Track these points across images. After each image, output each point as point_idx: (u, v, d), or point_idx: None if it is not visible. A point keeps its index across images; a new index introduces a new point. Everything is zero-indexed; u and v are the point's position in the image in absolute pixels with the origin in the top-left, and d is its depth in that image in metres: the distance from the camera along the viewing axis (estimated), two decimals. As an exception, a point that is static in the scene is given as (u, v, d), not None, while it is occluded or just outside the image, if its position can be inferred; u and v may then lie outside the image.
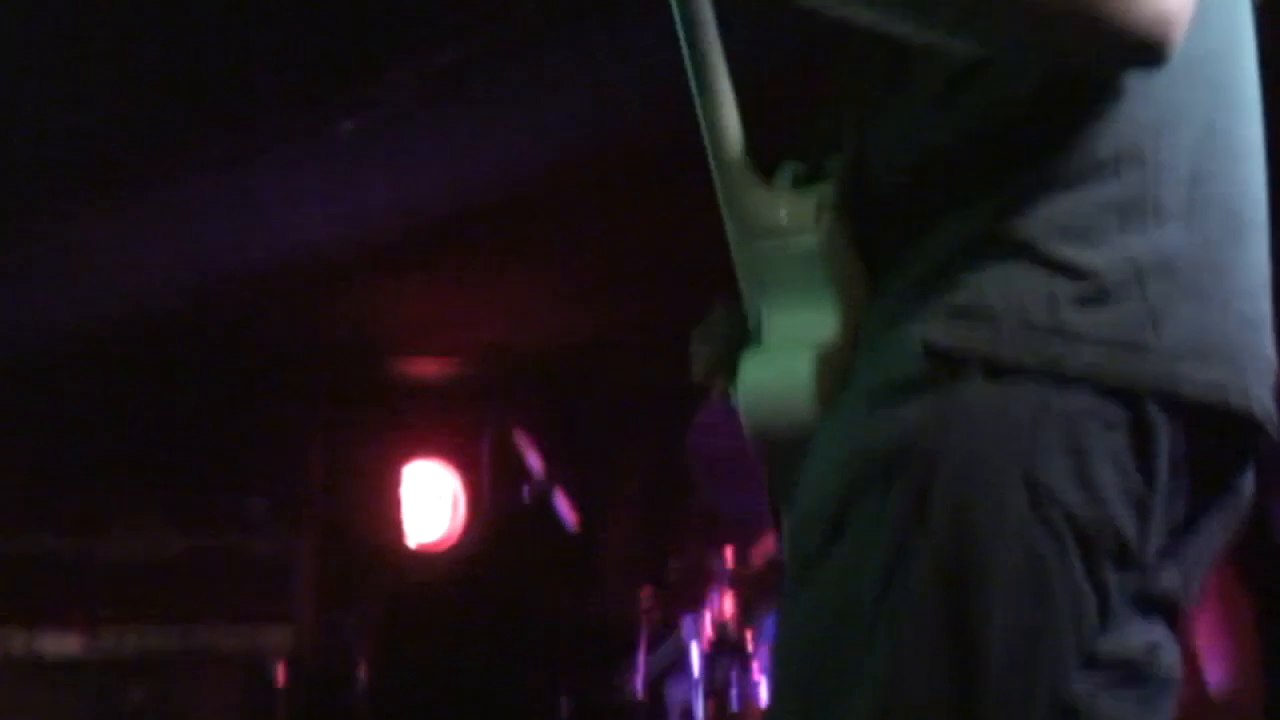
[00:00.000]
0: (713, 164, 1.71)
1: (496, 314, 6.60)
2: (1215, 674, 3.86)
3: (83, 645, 5.86)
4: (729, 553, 5.25)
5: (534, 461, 5.76)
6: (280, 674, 5.99)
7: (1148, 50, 1.48)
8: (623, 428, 6.99)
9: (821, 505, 1.58)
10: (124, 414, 6.44)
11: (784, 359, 1.69)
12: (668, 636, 5.39)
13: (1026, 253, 1.55)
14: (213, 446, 6.60)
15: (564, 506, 5.69)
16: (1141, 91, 1.58)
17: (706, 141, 1.70)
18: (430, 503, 7.26)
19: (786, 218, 1.70)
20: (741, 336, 1.81)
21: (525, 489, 5.76)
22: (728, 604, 5.21)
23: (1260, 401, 1.61)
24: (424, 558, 7.05)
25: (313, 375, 6.84)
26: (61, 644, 5.85)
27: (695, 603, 5.31)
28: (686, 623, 5.22)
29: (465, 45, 4.49)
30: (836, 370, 1.66)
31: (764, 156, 1.74)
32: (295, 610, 6.24)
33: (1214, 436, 1.58)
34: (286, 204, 5.09)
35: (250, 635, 6.10)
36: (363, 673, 5.58)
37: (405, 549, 7.07)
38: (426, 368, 7.30)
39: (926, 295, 1.57)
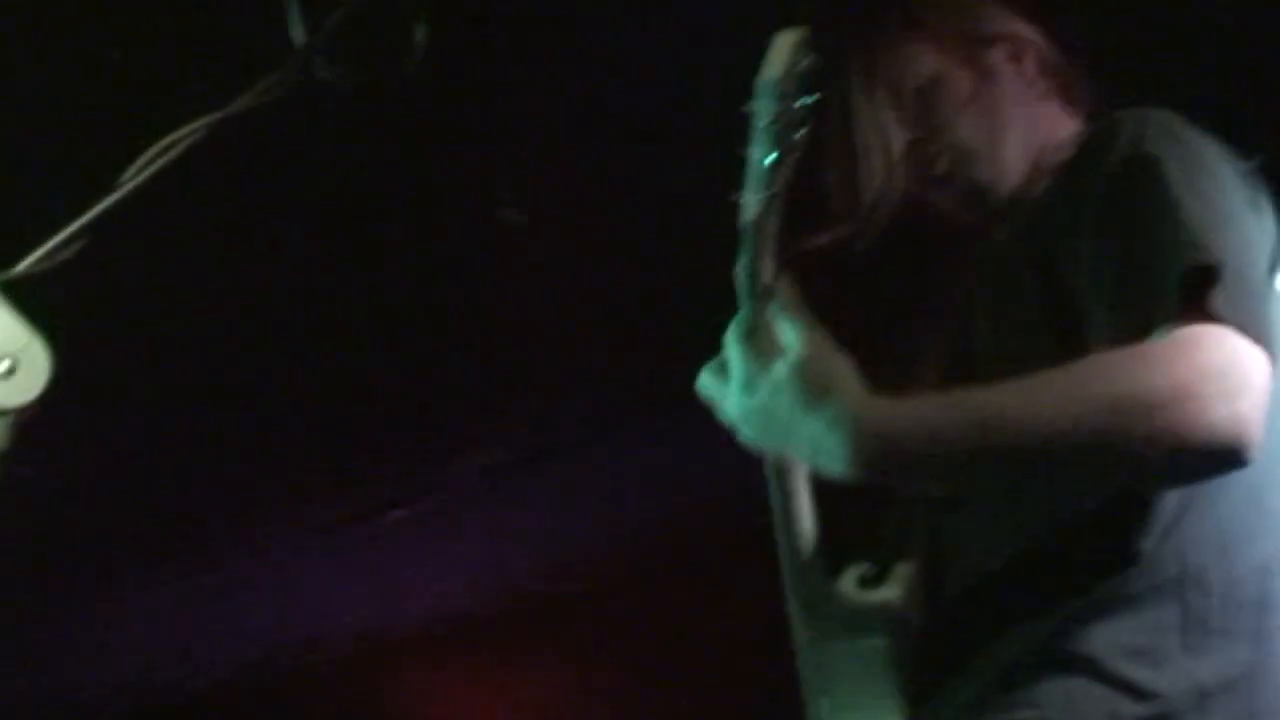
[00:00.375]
0: (785, 563, 1.72)
1: (532, 712, 6.49)
2: None
3: None
4: None
5: None
6: None
7: (1228, 454, 1.50)
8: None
9: None
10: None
11: None
12: None
13: (1090, 670, 1.56)
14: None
15: None
16: (1204, 512, 1.61)
17: (778, 533, 1.72)
18: None
19: (859, 619, 1.72)
20: None
21: None
22: None
23: None
24: None
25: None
26: None
27: None
28: None
29: (517, 442, 4.58)
30: None
31: (833, 555, 1.75)
32: None
33: None
34: (326, 591, 5.10)
35: None
36: None
37: None
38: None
39: (991, 707, 1.59)
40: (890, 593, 1.74)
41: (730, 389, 1.60)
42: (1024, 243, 1.75)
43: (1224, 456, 1.50)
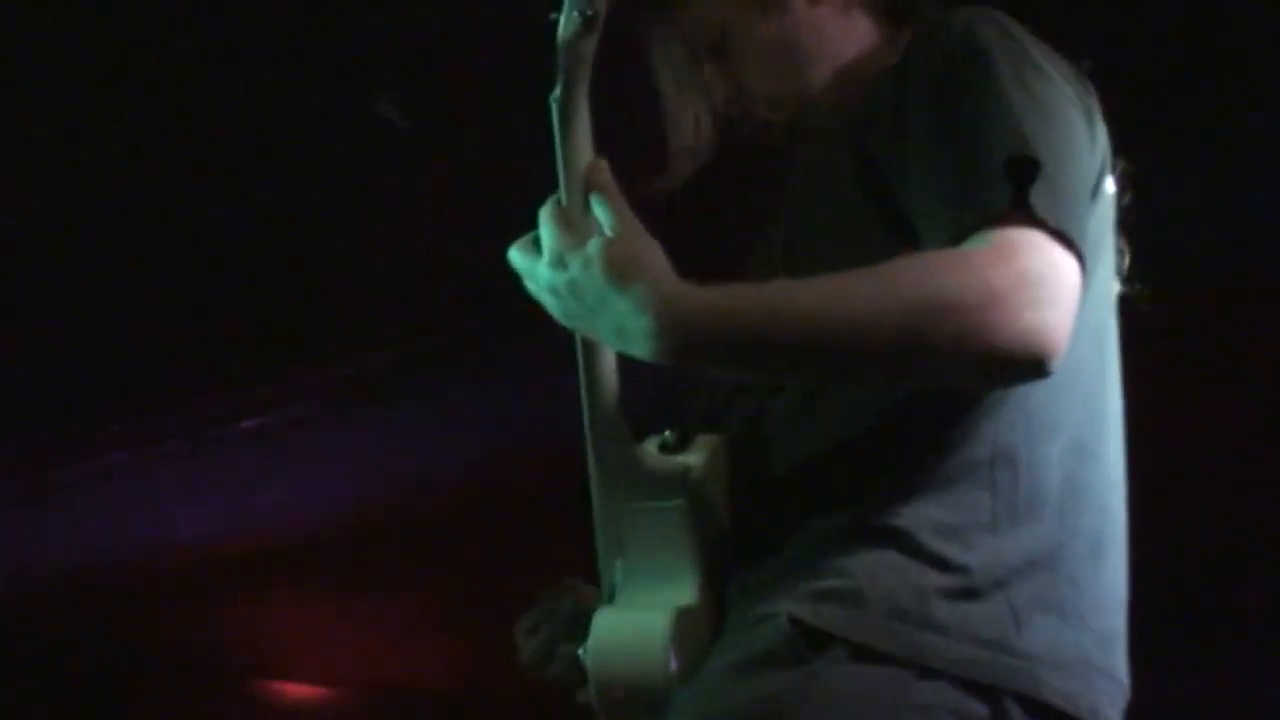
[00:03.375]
0: (586, 418, 1.70)
1: (373, 643, 6.48)
2: None
3: None
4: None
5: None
6: None
7: (1035, 363, 1.51)
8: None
9: None
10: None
11: (638, 618, 1.68)
12: None
13: (900, 543, 1.58)
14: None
15: None
16: (1017, 398, 1.62)
17: (583, 396, 1.69)
18: None
19: (657, 481, 1.70)
20: (573, 623, 1.82)
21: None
22: None
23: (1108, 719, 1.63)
24: None
25: (173, 688, 6.63)
26: None
27: None
28: None
29: (371, 359, 4.55)
30: (691, 634, 1.65)
31: (635, 420, 1.74)
32: None
33: None
34: (172, 500, 5.03)
35: None
36: None
37: None
38: (296, 692, 7.11)
39: (798, 575, 1.60)
40: (692, 458, 1.71)
41: (540, 263, 1.57)
42: (842, 149, 1.74)
43: (1029, 364, 1.51)
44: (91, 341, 4.40)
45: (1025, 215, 1.53)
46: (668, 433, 1.74)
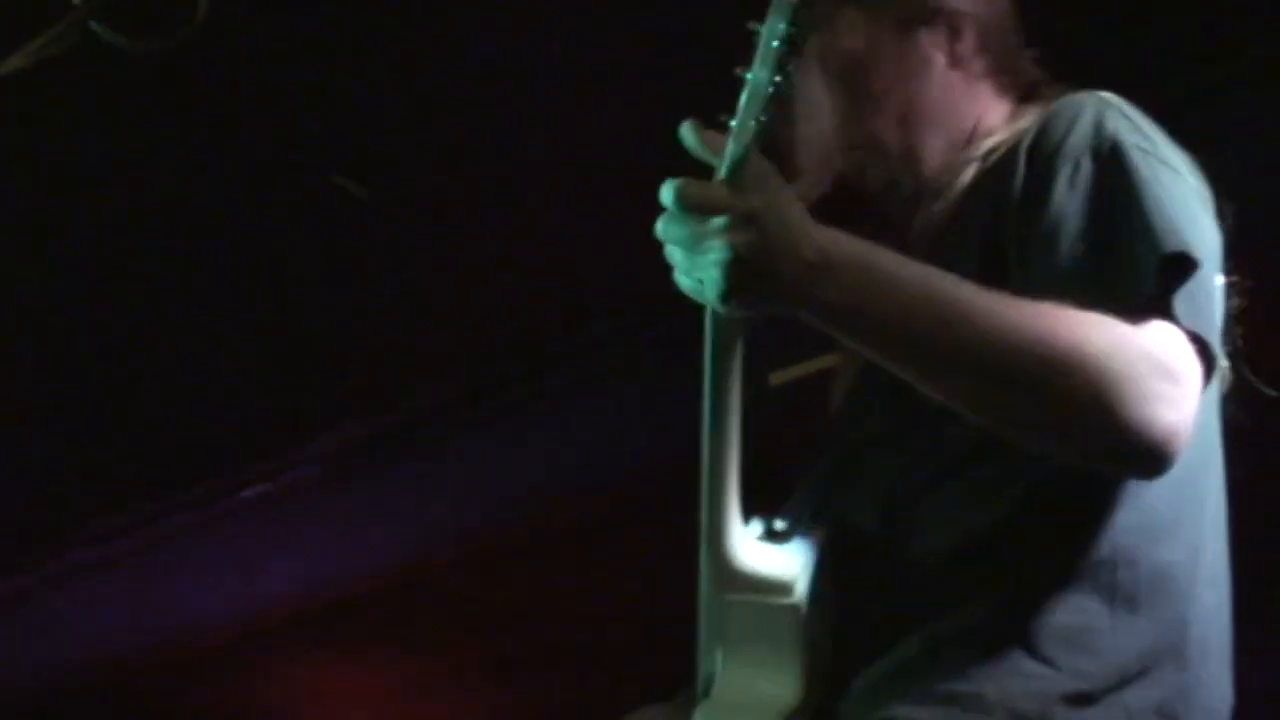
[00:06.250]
0: (705, 504, 1.66)
1: (392, 695, 6.47)
2: None
3: None
4: None
5: None
6: None
7: (1152, 459, 1.51)
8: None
9: None
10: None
11: None
12: None
13: (1022, 647, 1.58)
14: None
15: None
16: (1134, 498, 1.62)
17: (705, 481, 1.65)
18: None
19: (764, 582, 1.67)
20: None
21: None
22: None
23: None
24: None
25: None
26: None
27: None
28: None
29: (375, 422, 4.56)
30: None
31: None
32: None
33: None
34: (187, 579, 5.04)
35: None
36: None
37: None
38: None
39: (917, 678, 1.60)
40: (791, 565, 1.68)
41: (709, 235, 1.46)
42: (960, 223, 1.73)
43: (1147, 458, 1.51)
44: (87, 426, 4.43)
45: (1171, 313, 1.52)
46: (777, 521, 1.73)
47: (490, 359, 4.29)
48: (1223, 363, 1.65)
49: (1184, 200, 1.61)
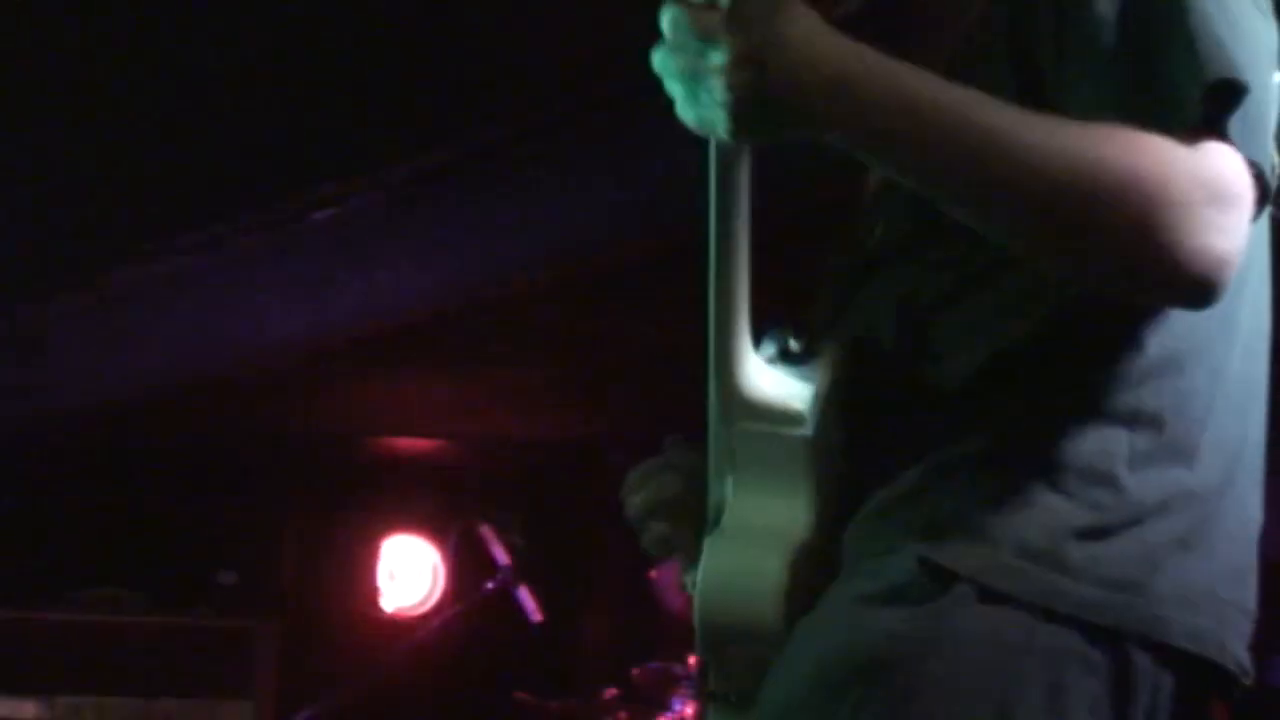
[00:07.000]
0: (712, 330, 1.61)
1: (486, 402, 6.57)
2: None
3: (38, 712, 5.80)
4: (693, 661, 5.16)
5: (500, 556, 5.71)
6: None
7: (1203, 291, 1.44)
8: (603, 528, 6.94)
9: (791, 701, 1.56)
10: (96, 483, 6.42)
11: (752, 556, 1.62)
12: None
13: (1037, 476, 1.53)
14: (185, 519, 6.56)
15: (529, 602, 5.63)
16: (1168, 320, 1.55)
17: (711, 307, 1.61)
18: (408, 576, 7.19)
19: (779, 405, 1.61)
20: (681, 484, 1.77)
21: (489, 584, 5.70)
22: (689, 712, 5.15)
23: (1235, 656, 1.59)
24: (395, 629, 6.94)
25: (293, 451, 6.81)
26: (17, 710, 5.80)
27: (659, 708, 5.24)
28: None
29: (456, 146, 4.49)
30: (805, 573, 1.60)
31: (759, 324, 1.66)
32: (257, 686, 6.16)
33: (1185, 681, 1.56)
34: (269, 293, 5.07)
35: (212, 711, 6.03)
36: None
37: (377, 622, 6.99)
38: (410, 446, 7.27)
39: (927, 504, 1.55)
40: (819, 379, 1.62)
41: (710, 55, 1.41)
42: (989, 47, 1.61)
43: (1194, 288, 1.43)
44: (168, 144, 4.39)
45: (1227, 136, 1.44)
46: (792, 341, 1.67)
47: (571, 87, 4.17)
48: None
49: (1236, 14, 1.49)
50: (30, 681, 5.84)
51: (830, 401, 1.63)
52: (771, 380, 1.63)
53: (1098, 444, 1.54)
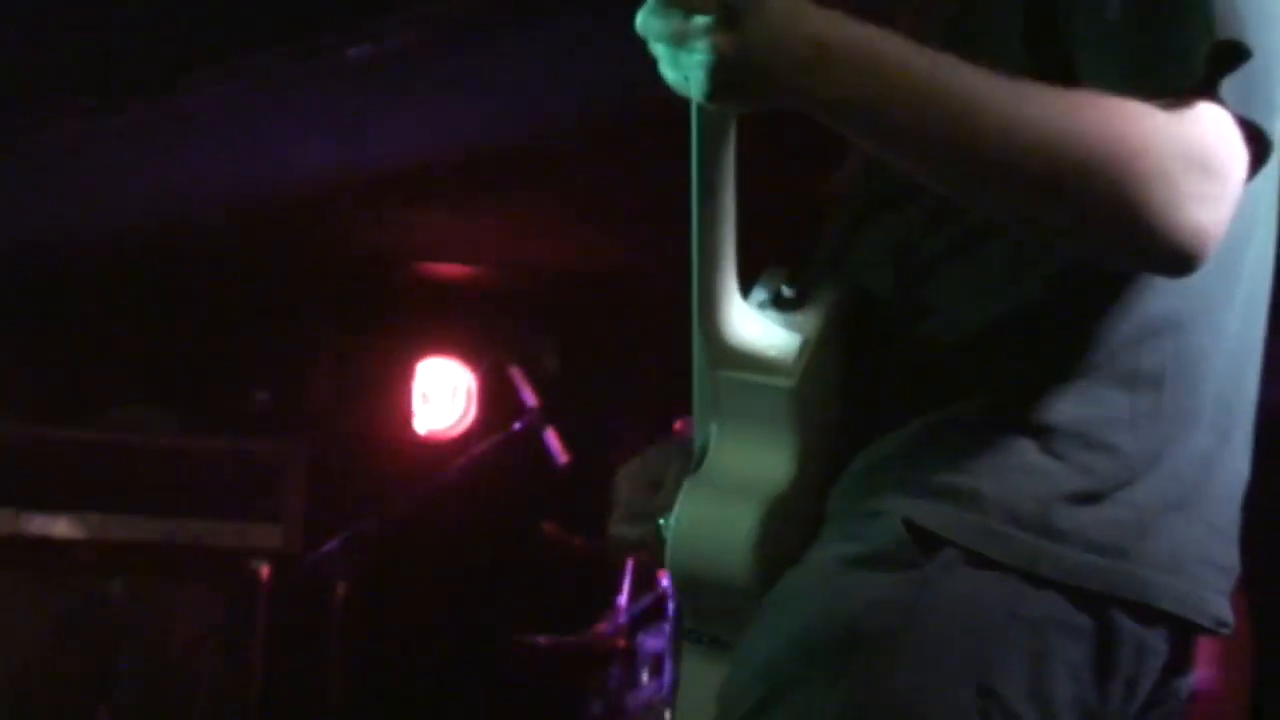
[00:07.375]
0: (695, 278, 1.58)
1: (520, 232, 6.54)
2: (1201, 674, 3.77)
3: (69, 529, 5.85)
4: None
5: (528, 397, 5.70)
6: (265, 574, 5.97)
7: (1180, 262, 1.42)
8: (635, 361, 6.92)
9: (770, 664, 1.55)
10: (128, 301, 6.42)
11: (727, 505, 1.60)
12: (651, 585, 5.35)
13: (1030, 439, 1.51)
14: (219, 339, 6.56)
15: (555, 444, 5.63)
16: (1164, 285, 1.53)
17: (695, 253, 1.57)
18: (441, 398, 7.20)
19: (763, 354, 1.58)
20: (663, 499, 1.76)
21: (517, 424, 5.69)
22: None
23: (1213, 613, 1.60)
24: (427, 452, 6.96)
25: (329, 274, 6.80)
26: (47, 527, 5.85)
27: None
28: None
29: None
30: (780, 528, 1.58)
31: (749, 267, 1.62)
32: (287, 509, 6.18)
33: (1166, 642, 1.57)
34: (307, 122, 5.03)
35: (240, 533, 6.06)
36: (341, 588, 5.52)
37: (410, 444, 7.01)
38: (446, 272, 7.24)
39: (915, 466, 1.54)
40: (808, 327, 1.58)
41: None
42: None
43: (1171, 259, 1.41)
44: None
45: (1218, 96, 1.40)
46: (784, 287, 1.63)
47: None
48: None
49: None
50: (62, 499, 5.86)
51: (822, 351, 1.59)
52: (757, 328, 1.59)
53: (1095, 405, 1.52)
